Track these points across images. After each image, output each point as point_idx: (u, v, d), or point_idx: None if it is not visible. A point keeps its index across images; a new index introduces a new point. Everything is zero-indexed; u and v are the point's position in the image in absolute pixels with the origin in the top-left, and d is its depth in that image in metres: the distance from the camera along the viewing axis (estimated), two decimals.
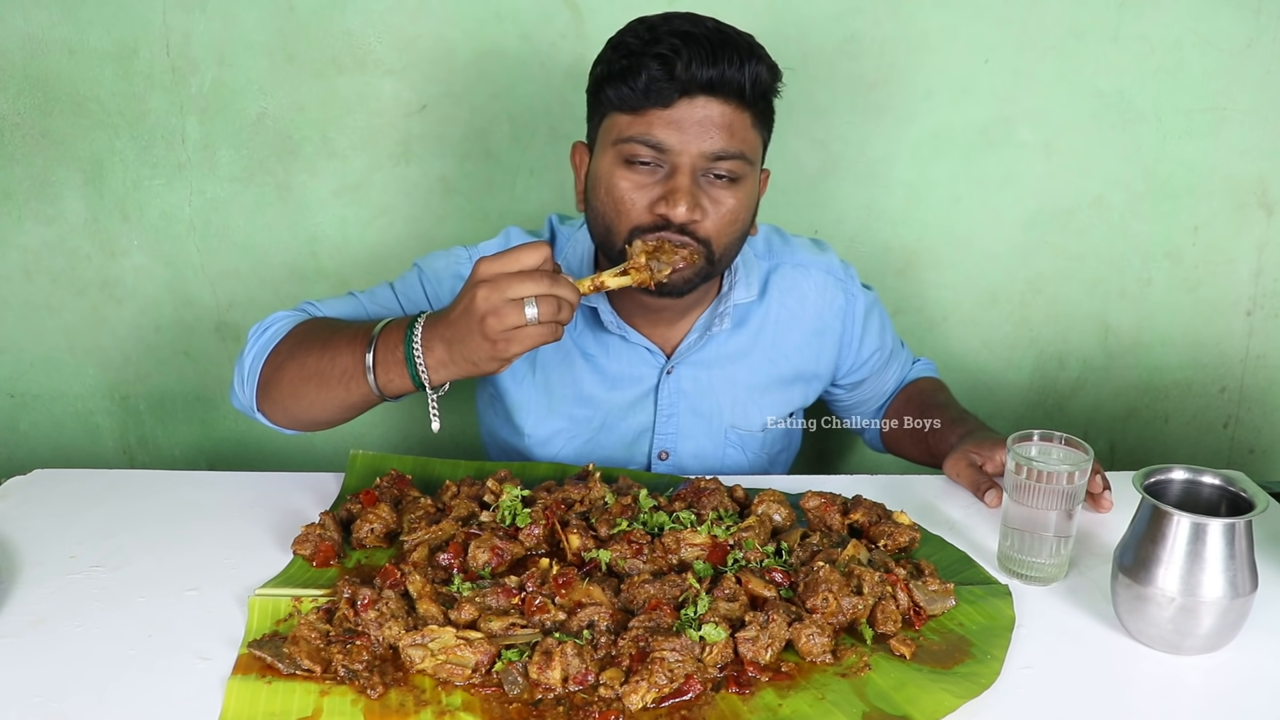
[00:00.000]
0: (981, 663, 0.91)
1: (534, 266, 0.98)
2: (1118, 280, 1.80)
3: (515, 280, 0.96)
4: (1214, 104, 1.68)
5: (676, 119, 1.13)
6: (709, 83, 1.12)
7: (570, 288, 0.99)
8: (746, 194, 1.19)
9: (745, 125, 1.16)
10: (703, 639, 0.89)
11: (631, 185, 1.16)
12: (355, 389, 1.10)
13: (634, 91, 1.13)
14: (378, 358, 1.07)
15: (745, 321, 1.36)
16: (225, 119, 1.63)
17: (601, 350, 1.34)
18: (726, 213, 1.17)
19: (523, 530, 1.08)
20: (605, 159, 1.19)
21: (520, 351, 1.00)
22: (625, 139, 1.15)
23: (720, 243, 1.19)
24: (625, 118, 1.16)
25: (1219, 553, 0.91)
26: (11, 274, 1.72)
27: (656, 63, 1.11)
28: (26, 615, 0.97)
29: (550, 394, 1.36)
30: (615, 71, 1.15)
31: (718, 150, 1.14)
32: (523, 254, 0.98)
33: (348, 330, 1.13)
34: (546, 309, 0.97)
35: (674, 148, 1.13)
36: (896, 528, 1.11)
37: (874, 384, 1.51)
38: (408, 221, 1.71)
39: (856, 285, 1.42)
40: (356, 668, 0.88)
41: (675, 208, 1.13)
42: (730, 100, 1.14)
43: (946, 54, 1.64)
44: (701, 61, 1.11)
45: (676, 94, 1.12)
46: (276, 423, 1.21)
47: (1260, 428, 1.92)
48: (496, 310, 0.96)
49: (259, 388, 1.19)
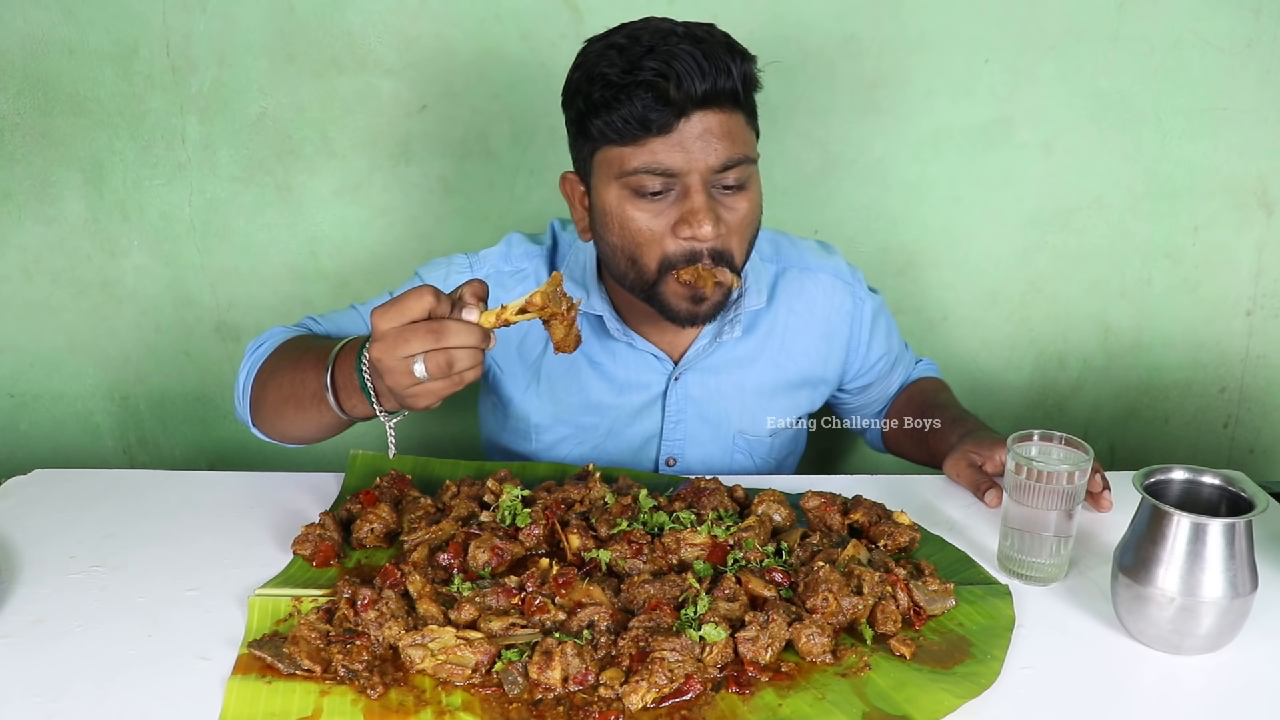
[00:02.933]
0: (981, 663, 0.91)
1: (421, 316, 0.91)
2: (1118, 280, 1.80)
3: (404, 336, 0.90)
4: (1214, 104, 1.68)
5: (678, 141, 1.09)
6: (704, 97, 1.08)
7: (465, 332, 0.91)
8: (756, 193, 1.18)
9: (741, 126, 1.14)
10: (703, 639, 0.89)
11: (648, 216, 1.14)
12: (326, 411, 1.07)
13: (629, 123, 1.09)
14: (337, 382, 1.04)
15: (754, 327, 1.35)
16: (225, 119, 1.63)
17: (609, 357, 1.33)
18: (743, 218, 1.16)
19: (523, 530, 1.08)
20: (610, 194, 1.15)
21: (428, 405, 0.95)
22: (630, 171, 1.11)
23: (742, 250, 1.18)
24: (623, 150, 1.11)
25: (1219, 553, 0.91)
26: (11, 274, 1.72)
27: (646, 91, 1.07)
28: (26, 615, 0.97)
29: (557, 402, 1.35)
30: (600, 104, 1.10)
31: (724, 161, 1.11)
32: (408, 302, 0.91)
33: (316, 350, 1.10)
34: (434, 365, 0.91)
35: (682, 169, 1.11)
36: (896, 528, 1.11)
37: (879, 387, 1.51)
38: (408, 222, 1.71)
39: (864, 289, 1.42)
40: (356, 668, 0.88)
41: (700, 228, 1.11)
42: (726, 107, 1.11)
43: (946, 54, 1.64)
44: (693, 78, 1.06)
45: (674, 117, 1.08)
46: (270, 438, 1.22)
47: (1260, 428, 1.92)
48: (391, 370, 0.92)
49: (251, 404, 1.19)
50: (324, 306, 1.75)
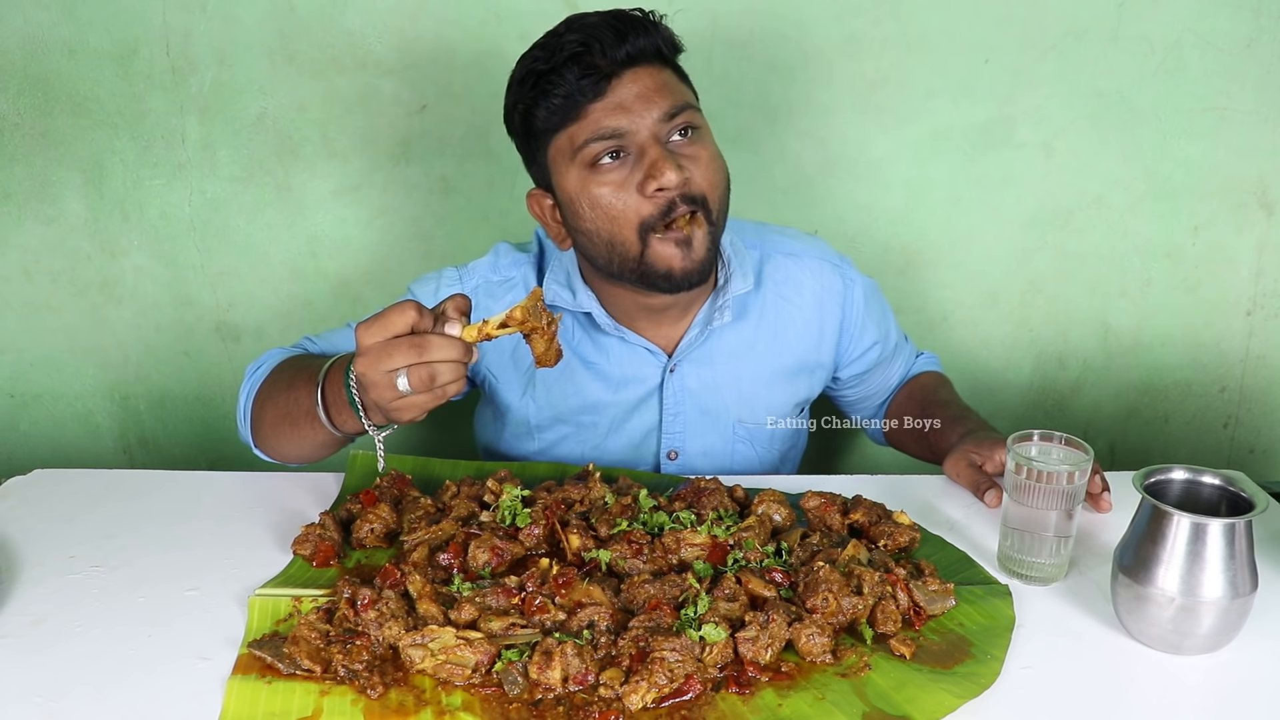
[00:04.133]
0: (981, 663, 0.91)
1: (404, 330, 0.94)
2: (1118, 280, 1.80)
3: (387, 350, 0.93)
4: (1214, 104, 1.68)
5: (616, 101, 1.13)
6: (628, 57, 1.13)
7: (447, 346, 0.93)
8: (712, 142, 1.20)
9: (674, 81, 1.18)
10: (703, 639, 0.89)
11: (611, 189, 1.16)
12: (319, 428, 1.10)
13: (566, 99, 1.13)
14: (328, 399, 1.07)
15: (744, 314, 1.36)
16: (225, 119, 1.63)
17: (601, 355, 1.34)
18: (706, 162, 1.18)
19: (523, 530, 1.08)
20: (571, 178, 1.17)
21: (412, 418, 0.98)
22: (581, 145, 1.15)
23: (715, 195, 1.19)
24: (569, 129, 1.15)
25: (1219, 553, 0.91)
26: (11, 274, 1.72)
27: (573, 63, 1.12)
28: (26, 615, 0.97)
29: (555, 406, 1.36)
30: (538, 94, 1.15)
31: (667, 109, 1.14)
32: (391, 317, 0.94)
33: (308, 370, 1.13)
34: (417, 379, 0.93)
35: (628, 128, 1.13)
36: (896, 528, 1.11)
37: (879, 378, 1.51)
38: (408, 221, 1.71)
39: (853, 271, 1.42)
40: (356, 668, 0.88)
41: (663, 176, 1.13)
42: (653, 64, 1.15)
43: (946, 54, 1.64)
44: (612, 42, 1.12)
45: (605, 79, 1.13)
46: (273, 459, 1.23)
47: (1260, 428, 1.92)
48: (375, 384, 0.95)
49: (251, 426, 1.21)
50: (324, 306, 1.75)
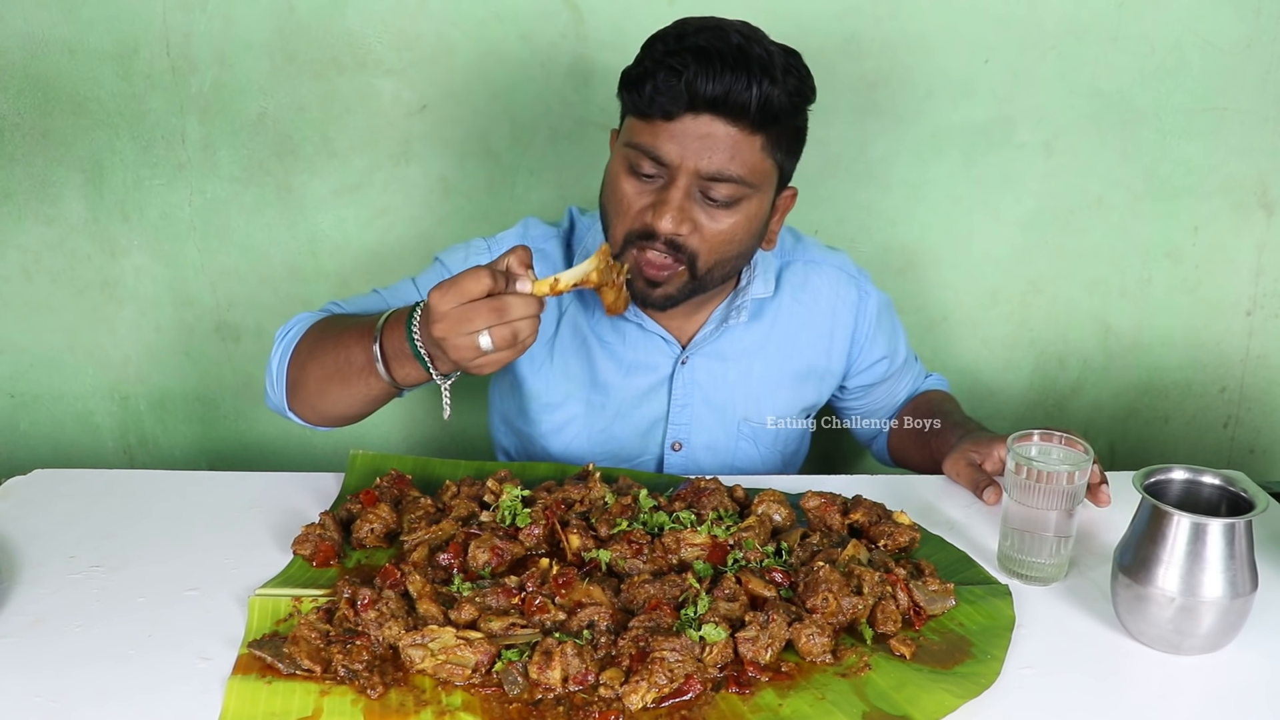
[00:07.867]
0: (981, 663, 0.91)
1: (481, 295, 0.97)
2: (1118, 280, 1.80)
3: (466, 313, 0.97)
4: (1214, 104, 1.68)
5: (679, 133, 1.12)
6: (714, 100, 1.10)
7: (524, 304, 0.99)
8: (746, 217, 1.18)
9: (753, 148, 1.13)
10: (703, 639, 0.89)
11: (633, 192, 1.17)
12: (375, 383, 1.12)
13: (642, 99, 1.13)
14: (386, 352, 1.09)
15: (760, 315, 1.36)
16: (225, 119, 1.63)
17: (618, 337, 1.34)
18: (719, 233, 1.17)
19: (523, 530, 1.08)
20: (616, 159, 1.20)
21: (493, 370, 1.02)
22: (632, 144, 1.16)
23: (708, 260, 1.18)
24: (637, 123, 1.16)
25: (1219, 553, 0.91)
26: (11, 274, 1.72)
27: (666, 73, 1.10)
28: (26, 615, 0.97)
29: (568, 378, 1.36)
30: (634, 75, 1.14)
31: (714, 171, 1.12)
32: (467, 283, 0.97)
33: (357, 326, 1.14)
34: (500, 338, 0.98)
35: (673, 162, 1.13)
36: (896, 528, 1.11)
37: (884, 392, 1.51)
38: (408, 221, 1.71)
39: (869, 284, 1.43)
40: (356, 668, 0.88)
41: (660, 219, 1.13)
42: (737, 121, 1.11)
43: (946, 54, 1.64)
44: (708, 78, 1.08)
45: (682, 108, 1.11)
46: (308, 421, 1.23)
47: (1260, 428, 1.92)
48: (456, 346, 0.99)
49: (287, 389, 1.21)
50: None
